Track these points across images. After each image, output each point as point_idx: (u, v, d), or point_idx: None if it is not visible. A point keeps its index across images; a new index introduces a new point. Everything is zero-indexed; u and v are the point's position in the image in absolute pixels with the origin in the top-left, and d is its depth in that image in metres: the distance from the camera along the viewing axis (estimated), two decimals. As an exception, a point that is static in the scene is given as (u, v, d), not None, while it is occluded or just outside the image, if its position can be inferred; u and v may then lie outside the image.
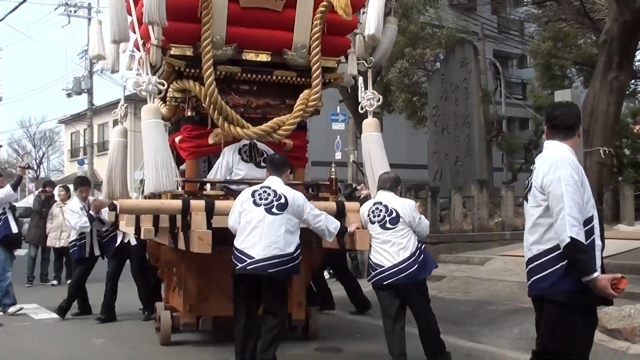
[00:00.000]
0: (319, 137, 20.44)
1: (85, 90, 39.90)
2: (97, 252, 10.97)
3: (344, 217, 8.07)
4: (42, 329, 10.13)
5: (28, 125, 68.86)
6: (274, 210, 7.06)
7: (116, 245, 10.78)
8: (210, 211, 7.48)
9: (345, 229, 7.74)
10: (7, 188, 11.46)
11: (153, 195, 8.04)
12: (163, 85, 8.63)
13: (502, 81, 34.15)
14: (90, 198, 11.19)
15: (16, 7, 30.19)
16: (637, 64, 25.71)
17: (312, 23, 8.63)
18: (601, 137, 18.00)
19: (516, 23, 35.80)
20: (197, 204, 7.46)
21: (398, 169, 9.21)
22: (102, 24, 9.64)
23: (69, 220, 10.91)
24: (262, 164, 8.49)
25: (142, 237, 7.61)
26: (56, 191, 15.56)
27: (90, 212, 10.74)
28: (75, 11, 39.63)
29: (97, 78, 39.85)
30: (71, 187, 12.75)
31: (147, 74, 7.97)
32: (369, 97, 9.24)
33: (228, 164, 8.46)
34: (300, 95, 8.72)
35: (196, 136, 8.38)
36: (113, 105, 43.69)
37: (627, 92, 23.24)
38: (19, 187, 12.00)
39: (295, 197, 7.25)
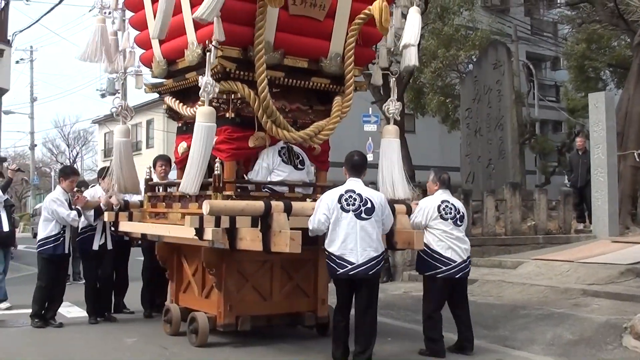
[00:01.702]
0: (350, 138, 20.53)
1: (119, 91, 40.04)
2: (70, 250, 10.43)
3: (395, 218, 8.35)
4: (73, 327, 10.20)
5: (62, 125, 69.36)
6: (363, 215, 7.49)
7: (93, 247, 10.38)
8: (289, 212, 7.67)
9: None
10: None
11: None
12: (132, 112, 9.52)
13: (535, 83, 33.99)
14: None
15: (51, 9, 30.56)
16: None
17: (347, 34, 8.91)
18: (635, 140, 17.82)
19: (550, 25, 35.56)
20: (278, 205, 7.65)
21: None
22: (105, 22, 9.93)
23: (57, 211, 9.91)
24: (300, 167, 8.88)
25: (210, 238, 7.75)
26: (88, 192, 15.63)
27: (77, 206, 10.06)
28: (109, 12, 39.74)
29: (130, 79, 39.88)
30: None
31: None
32: (396, 106, 9.56)
33: (269, 165, 8.64)
34: (334, 101, 9.06)
35: (237, 138, 8.50)
36: (146, 105, 44.31)
37: (662, 95, 22.91)
38: (8, 189, 12.45)
39: (380, 199, 7.73)
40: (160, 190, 9.72)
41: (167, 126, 42.46)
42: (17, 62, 50.83)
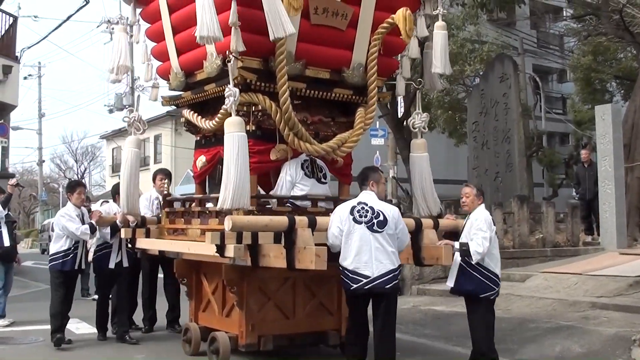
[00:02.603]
0: (358, 152, 20.14)
1: (127, 106, 39.86)
2: (83, 265, 10.06)
3: (421, 232, 8.08)
4: (83, 344, 9.91)
5: (70, 141, 69.21)
6: (376, 228, 7.10)
7: (109, 266, 9.94)
8: (313, 227, 7.28)
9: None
10: None
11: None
12: (145, 125, 9.15)
13: (542, 96, 33.80)
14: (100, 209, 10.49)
15: (59, 25, 30.14)
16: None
17: (370, 43, 8.53)
18: None
19: (556, 37, 35.46)
20: (302, 220, 7.26)
21: (437, 185, 9.34)
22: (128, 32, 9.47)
23: (66, 227, 9.54)
24: (323, 180, 8.51)
25: (232, 255, 7.35)
26: (99, 206, 15.34)
27: (92, 221, 9.64)
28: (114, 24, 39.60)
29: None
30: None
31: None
32: (423, 119, 9.17)
33: (292, 178, 8.27)
34: (357, 113, 8.66)
35: (258, 151, 8.10)
36: (154, 120, 44.13)
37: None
38: (8, 204, 12.24)
39: (393, 212, 7.29)
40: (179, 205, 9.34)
41: (174, 141, 42.27)
42: (25, 78, 50.77)
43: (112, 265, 9.95)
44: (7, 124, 26.85)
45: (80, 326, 11.13)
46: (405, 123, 24.37)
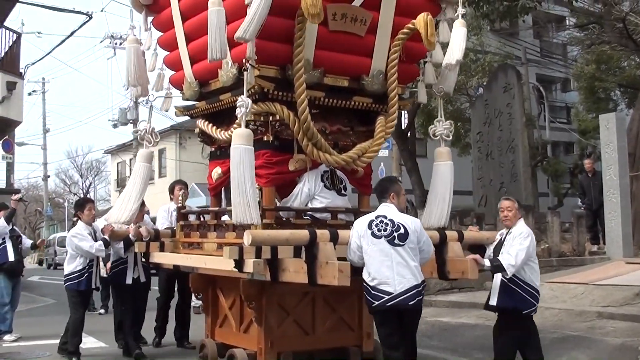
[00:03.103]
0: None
1: (131, 121, 39.52)
2: (97, 283, 9.73)
3: (446, 245, 7.68)
4: (90, 359, 9.68)
5: (75, 156, 68.61)
6: (396, 241, 6.65)
7: (127, 281, 9.60)
8: (335, 241, 6.89)
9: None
10: (1, 221, 11.70)
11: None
12: (157, 137, 8.75)
13: (546, 105, 33.58)
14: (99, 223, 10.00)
15: (63, 41, 29.97)
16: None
17: (390, 49, 8.18)
18: None
19: (559, 47, 35.12)
20: (324, 233, 6.86)
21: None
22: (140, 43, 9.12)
23: (79, 247, 9.20)
24: (343, 192, 8.16)
25: (251, 270, 6.99)
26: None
27: (105, 236, 9.26)
28: (120, 43, 39.34)
29: (142, 109, 39.52)
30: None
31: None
32: (445, 127, 8.81)
33: (310, 190, 7.91)
34: (377, 122, 8.30)
35: (276, 162, 7.76)
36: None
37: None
38: (12, 219, 12.08)
39: (414, 225, 6.82)
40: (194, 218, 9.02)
41: (179, 155, 41.93)
42: (30, 94, 50.27)
43: (129, 280, 9.59)
44: (11, 139, 26.79)
45: (86, 340, 10.75)
46: (409, 134, 24.14)
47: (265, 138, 7.78)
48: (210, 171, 8.56)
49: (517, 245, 7.14)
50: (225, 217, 8.29)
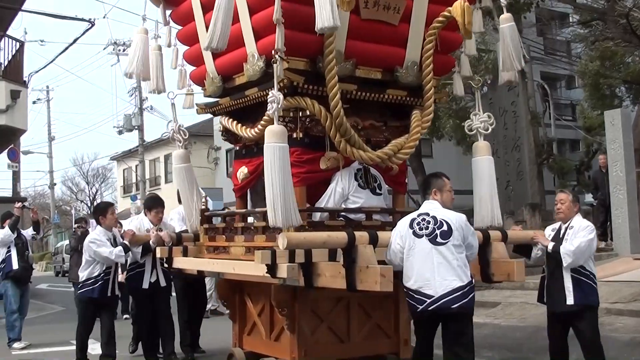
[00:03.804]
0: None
1: (136, 127, 39.15)
2: (116, 291, 9.13)
3: (489, 246, 7.02)
4: None
5: (81, 163, 68.03)
6: (439, 239, 6.06)
7: (143, 286, 9.03)
8: (374, 243, 6.25)
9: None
10: (6, 230, 11.65)
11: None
12: (185, 134, 8.21)
13: (550, 103, 32.94)
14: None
15: (66, 49, 29.39)
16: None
17: (424, 39, 7.52)
18: None
19: (563, 44, 34.50)
20: (363, 235, 6.20)
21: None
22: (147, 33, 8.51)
23: (98, 253, 8.61)
24: (378, 191, 7.48)
25: (285, 275, 6.33)
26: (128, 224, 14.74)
27: (125, 241, 8.74)
28: (123, 50, 38.82)
29: (147, 115, 39.04)
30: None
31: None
32: (482, 119, 8.05)
33: (344, 190, 7.23)
34: (413, 116, 7.63)
35: (307, 161, 7.09)
36: (163, 140, 43.15)
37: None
38: (16, 227, 11.85)
39: (459, 221, 6.22)
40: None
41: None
42: (34, 102, 50.02)
43: (145, 285, 9.01)
44: (17, 148, 26.52)
45: (95, 347, 10.21)
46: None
47: (294, 135, 7.10)
48: (236, 171, 7.90)
49: (580, 237, 6.75)
50: (250, 219, 7.69)
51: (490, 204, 7.73)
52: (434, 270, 5.99)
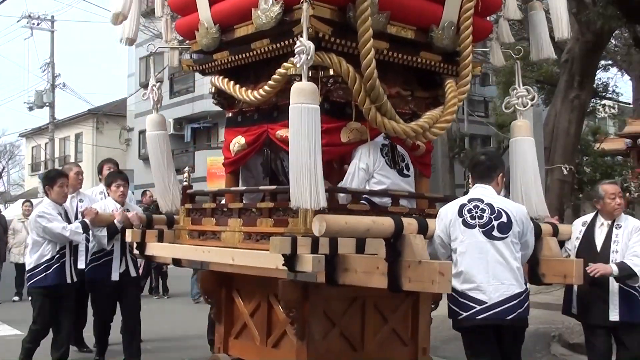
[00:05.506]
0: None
1: (47, 104, 36.50)
2: (74, 277, 7.07)
3: (540, 241, 5.48)
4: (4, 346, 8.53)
5: (-13, 139, 63.72)
6: (496, 233, 4.69)
7: (112, 278, 7.22)
8: (424, 234, 4.69)
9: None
10: None
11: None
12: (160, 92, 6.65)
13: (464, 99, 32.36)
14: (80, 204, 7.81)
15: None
16: (597, 82, 24.65)
17: None
18: (562, 155, 16.30)
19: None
20: (411, 223, 4.60)
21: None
22: None
23: (49, 228, 6.73)
24: (406, 172, 5.88)
25: (310, 269, 4.73)
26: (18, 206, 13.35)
27: (85, 219, 6.90)
28: (38, 24, 36.24)
29: (59, 91, 36.51)
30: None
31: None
32: (520, 94, 6.63)
33: (368, 167, 5.59)
34: (447, 85, 6.03)
35: (327, 131, 5.34)
36: (75, 119, 40.60)
37: (587, 111, 21.48)
38: None
39: (520, 212, 4.85)
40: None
41: (95, 140, 38.96)
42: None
43: (115, 276, 7.17)
44: None
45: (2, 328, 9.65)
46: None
47: (315, 100, 5.45)
48: (228, 142, 6.13)
49: None
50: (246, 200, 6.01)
51: (535, 191, 6.23)
52: (488, 271, 4.64)
